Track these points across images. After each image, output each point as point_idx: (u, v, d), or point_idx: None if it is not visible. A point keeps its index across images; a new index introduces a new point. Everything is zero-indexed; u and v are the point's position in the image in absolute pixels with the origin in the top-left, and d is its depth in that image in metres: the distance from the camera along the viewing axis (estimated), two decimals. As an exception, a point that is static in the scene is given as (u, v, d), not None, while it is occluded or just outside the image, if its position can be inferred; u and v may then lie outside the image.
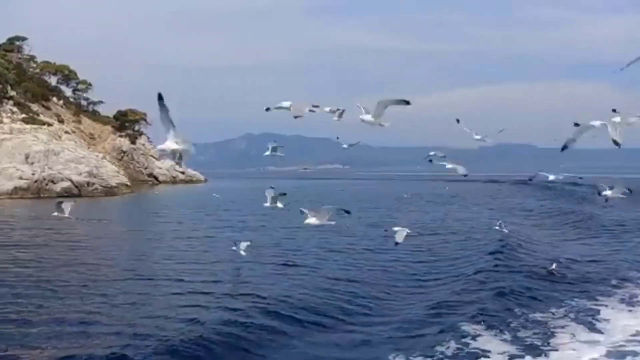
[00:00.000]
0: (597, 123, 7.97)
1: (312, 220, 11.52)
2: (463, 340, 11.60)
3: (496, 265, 18.98)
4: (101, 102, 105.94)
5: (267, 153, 12.51)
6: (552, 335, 12.23)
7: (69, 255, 21.74)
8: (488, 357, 10.77)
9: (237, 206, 43.59)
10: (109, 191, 69.50)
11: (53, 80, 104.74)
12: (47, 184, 66.69)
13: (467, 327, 12.27)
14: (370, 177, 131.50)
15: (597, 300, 14.89)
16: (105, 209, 45.32)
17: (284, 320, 12.98)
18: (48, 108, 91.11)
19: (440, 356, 10.82)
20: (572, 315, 13.57)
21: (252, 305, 13.82)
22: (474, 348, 11.19)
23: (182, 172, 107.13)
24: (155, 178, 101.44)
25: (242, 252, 17.58)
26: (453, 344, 11.34)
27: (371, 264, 19.65)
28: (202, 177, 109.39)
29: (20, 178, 66.22)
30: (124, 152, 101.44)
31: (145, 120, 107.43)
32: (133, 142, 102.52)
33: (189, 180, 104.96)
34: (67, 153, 72.30)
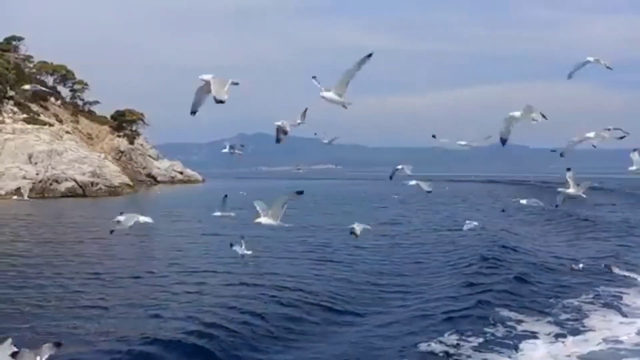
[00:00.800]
0: (516, 114, 8.48)
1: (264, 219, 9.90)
2: (508, 323, 12.90)
3: (518, 259, 20.31)
4: (97, 102, 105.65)
5: (225, 150, 12.86)
6: (586, 316, 13.57)
7: (108, 251, 22.67)
8: (537, 337, 12.04)
9: (247, 205, 44.48)
10: (113, 191, 70.02)
11: (49, 80, 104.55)
12: (51, 184, 67.13)
13: (510, 311, 13.59)
14: (366, 177, 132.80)
15: (619, 288, 16.18)
16: (117, 208, 45.80)
17: (338, 311, 14.18)
18: (46, 108, 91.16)
19: (491, 337, 12.03)
20: (600, 301, 14.89)
21: (305, 299, 14.84)
22: (522, 330, 12.50)
23: (181, 172, 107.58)
24: (154, 178, 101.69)
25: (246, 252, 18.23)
26: (500, 327, 12.62)
27: (405, 257, 21.01)
28: (200, 177, 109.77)
29: (24, 178, 66.56)
30: (122, 152, 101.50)
31: (142, 120, 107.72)
32: (131, 142, 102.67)
33: (187, 180, 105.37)
34: (70, 153, 72.75)
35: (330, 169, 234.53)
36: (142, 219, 11.84)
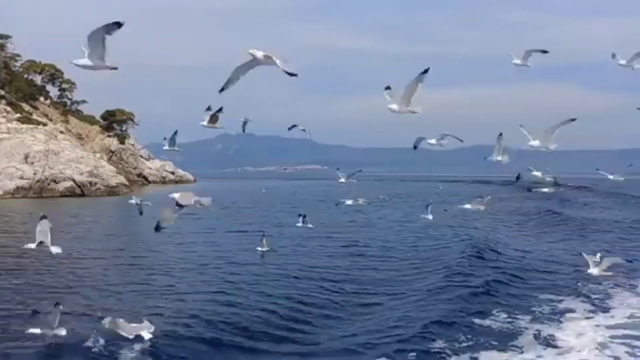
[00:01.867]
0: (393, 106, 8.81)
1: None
2: (551, 303, 14.57)
3: (533, 256, 22.02)
4: (84, 101, 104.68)
5: (166, 147, 12.63)
6: (610, 297, 15.55)
7: (150, 245, 23.68)
8: (575, 311, 14.03)
9: (251, 204, 45.64)
10: (112, 191, 70.26)
11: (37, 79, 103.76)
12: (49, 184, 67.16)
13: (547, 294, 15.28)
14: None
15: (632, 279, 17.73)
16: (129, 206, 46.39)
17: (383, 293, 15.74)
18: (36, 108, 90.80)
19: (539, 315, 13.73)
20: (616, 287, 16.59)
21: (352, 288, 16.32)
22: (562, 307, 14.21)
23: (172, 173, 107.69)
24: (145, 178, 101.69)
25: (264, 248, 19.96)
26: (545, 306, 14.31)
27: (428, 247, 22.66)
28: (191, 177, 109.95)
29: (22, 178, 66.49)
30: (113, 152, 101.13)
31: (132, 120, 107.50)
32: (122, 142, 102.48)
33: (179, 181, 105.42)
34: (67, 153, 72.81)
35: (316, 169, 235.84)
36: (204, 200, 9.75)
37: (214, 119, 9.39)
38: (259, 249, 20.55)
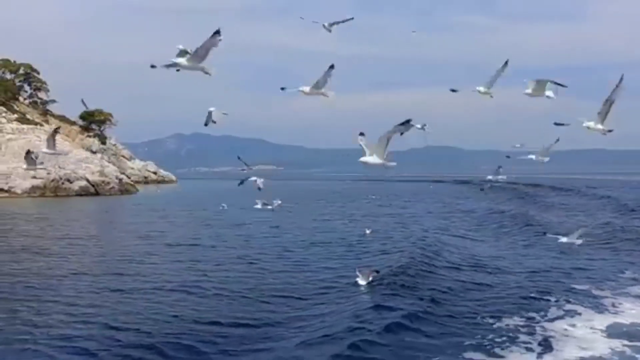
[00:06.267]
0: None
1: None
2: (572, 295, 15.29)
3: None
4: (54, 101, 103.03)
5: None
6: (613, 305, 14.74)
7: (190, 237, 27.64)
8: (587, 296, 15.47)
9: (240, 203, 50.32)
10: (125, 189, 74.46)
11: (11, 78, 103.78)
12: (63, 183, 70.41)
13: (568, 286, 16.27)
14: (318, 178, 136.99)
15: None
16: (151, 204, 49.67)
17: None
18: (18, 108, 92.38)
19: (563, 302, 14.41)
20: (614, 286, 16.64)
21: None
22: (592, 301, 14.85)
23: (154, 173, 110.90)
24: (128, 178, 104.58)
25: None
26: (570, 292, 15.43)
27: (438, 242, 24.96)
28: (173, 177, 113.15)
29: (34, 177, 69.51)
30: (94, 153, 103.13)
31: (110, 120, 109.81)
32: (103, 143, 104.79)
33: (162, 181, 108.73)
34: (75, 153, 76.03)
35: (272, 169, 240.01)
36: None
37: None
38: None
